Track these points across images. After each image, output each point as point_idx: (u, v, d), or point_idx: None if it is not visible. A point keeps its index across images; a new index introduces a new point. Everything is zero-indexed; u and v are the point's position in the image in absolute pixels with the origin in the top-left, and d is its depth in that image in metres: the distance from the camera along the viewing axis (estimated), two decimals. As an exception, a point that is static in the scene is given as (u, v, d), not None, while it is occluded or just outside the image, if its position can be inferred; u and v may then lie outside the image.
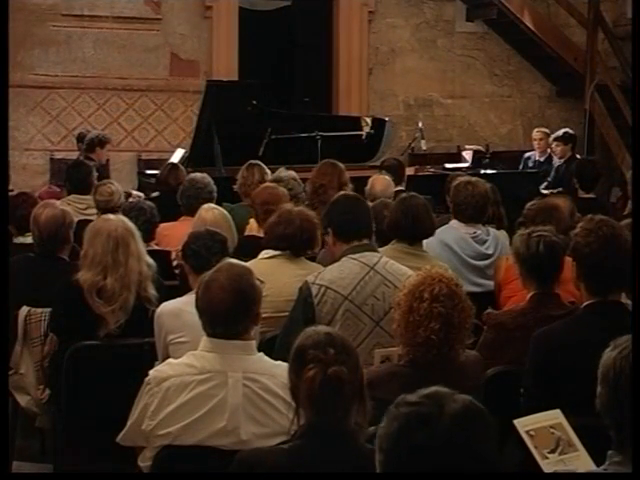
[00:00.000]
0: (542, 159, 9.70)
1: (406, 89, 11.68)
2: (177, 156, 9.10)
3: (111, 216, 4.26)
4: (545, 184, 9.16)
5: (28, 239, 5.05)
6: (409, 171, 8.47)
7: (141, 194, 7.69)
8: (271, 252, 4.39)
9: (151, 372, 3.00)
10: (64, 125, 10.44)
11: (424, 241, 4.64)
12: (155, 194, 7.17)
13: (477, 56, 11.87)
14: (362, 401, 2.48)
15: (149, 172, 9.38)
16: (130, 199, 6.21)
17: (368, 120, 9.75)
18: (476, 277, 5.03)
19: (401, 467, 1.72)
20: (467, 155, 10.44)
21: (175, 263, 5.07)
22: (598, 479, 2.14)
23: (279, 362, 2.91)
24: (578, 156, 9.44)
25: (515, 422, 2.81)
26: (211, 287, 2.96)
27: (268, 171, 6.39)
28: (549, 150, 9.66)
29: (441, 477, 1.69)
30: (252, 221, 5.48)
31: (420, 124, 10.44)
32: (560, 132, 9.61)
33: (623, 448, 2.06)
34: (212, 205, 5.25)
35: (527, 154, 9.94)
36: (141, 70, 10.64)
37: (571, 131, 9.72)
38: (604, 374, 2.11)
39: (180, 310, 3.77)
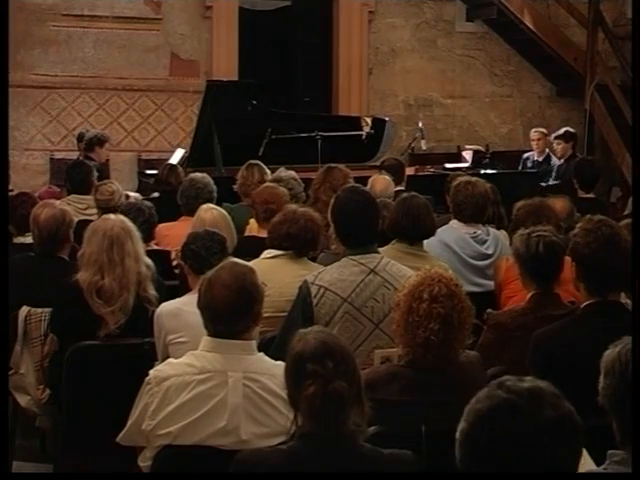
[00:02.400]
0: (541, 159, 9.70)
1: (406, 89, 11.68)
2: (177, 156, 9.11)
3: (111, 216, 4.26)
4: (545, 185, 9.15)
5: (28, 239, 5.05)
6: (409, 171, 8.46)
7: (139, 195, 7.68)
8: (273, 252, 4.39)
9: (151, 372, 3.00)
10: (64, 125, 10.44)
11: (424, 241, 4.63)
12: (155, 194, 7.17)
13: (477, 56, 11.87)
14: (360, 403, 2.48)
15: (149, 172, 9.38)
16: (130, 200, 6.21)
17: (368, 120, 9.75)
18: (476, 277, 5.03)
19: (475, 443, 1.74)
20: (467, 155, 10.44)
21: (175, 263, 5.07)
22: (598, 479, 2.14)
23: (279, 362, 2.90)
24: (579, 155, 9.44)
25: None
26: (214, 284, 2.97)
27: (268, 171, 6.40)
28: (547, 150, 9.67)
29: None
30: (252, 221, 5.49)
31: (420, 124, 10.43)
32: (561, 130, 9.62)
33: (625, 443, 2.06)
34: (211, 205, 5.25)
35: (526, 154, 9.93)
36: (141, 70, 10.64)
37: (572, 130, 9.71)
38: (609, 367, 2.11)
39: (180, 310, 3.77)
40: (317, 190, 5.95)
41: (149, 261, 4.17)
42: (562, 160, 9.42)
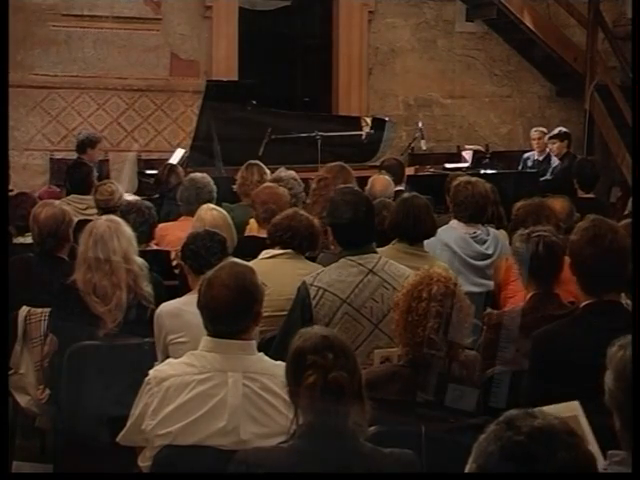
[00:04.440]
0: (541, 158, 9.72)
1: (406, 89, 11.67)
2: (177, 156, 9.11)
3: (104, 217, 4.28)
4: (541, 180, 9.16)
5: (28, 239, 5.05)
6: (409, 171, 8.46)
7: (137, 198, 7.68)
8: (271, 252, 4.39)
9: (151, 372, 3.00)
10: (64, 125, 10.43)
11: (425, 241, 4.64)
12: (155, 195, 7.17)
13: (477, 56, 11.87)
14: (361, 401, 2.48)
15: (149, 172, 9.38)
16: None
17: (368, 120, 9.75)
18: (476, 277, 5.03)
19: None
20: (467, 155, 10.44)
21: (175, 263, 5.07)
22: (598, 479, 2.14)
23: (279, 362, 2.90)
24: (574, 153, 9.47)
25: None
26: (214, 284, 2.97)
27: (267, 171, 6.40)
28: (548, 149, 9.69)
29: None
30: (252, 221, 5.48)
31: (420, 124, 10.43)
32: (555, 130, 9.76)
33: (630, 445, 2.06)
34: (211, 205, 5.25)
35: (526, 154, 9.94)
36: (141, 70, 10.64)
37: (566, 129, 9.80)
38: (620, 371, 2.10)
39: (180, 310, 3.78)
40: (314, 191, 5.96)
41: (141, 260, 4.17)
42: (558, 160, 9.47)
